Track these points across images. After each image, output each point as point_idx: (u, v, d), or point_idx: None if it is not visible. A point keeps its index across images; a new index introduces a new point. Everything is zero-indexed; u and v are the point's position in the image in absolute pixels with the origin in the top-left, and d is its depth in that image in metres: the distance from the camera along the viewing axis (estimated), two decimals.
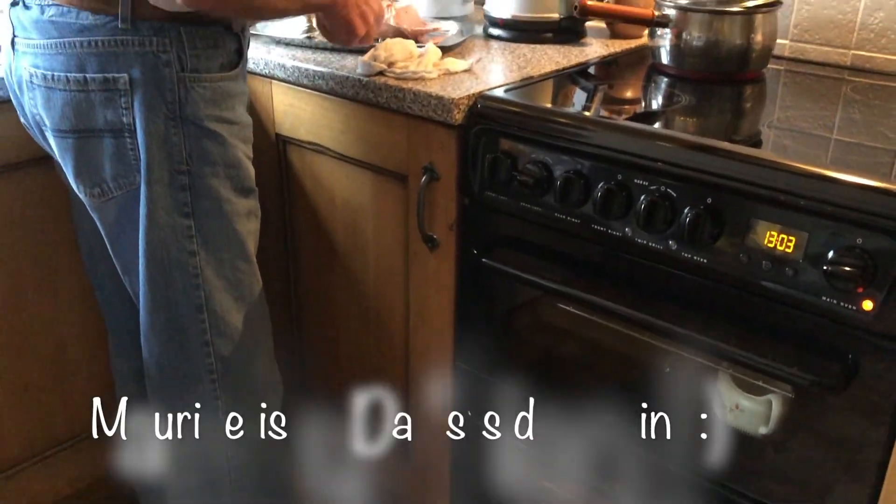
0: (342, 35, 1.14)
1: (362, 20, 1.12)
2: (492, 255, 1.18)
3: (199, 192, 1.06)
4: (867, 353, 0.87)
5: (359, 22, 1.12)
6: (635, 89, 1.32)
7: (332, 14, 1.10)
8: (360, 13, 1.11)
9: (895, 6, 1.31)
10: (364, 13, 1.12)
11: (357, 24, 1.12)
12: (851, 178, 0.86)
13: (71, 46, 0.99)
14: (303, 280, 1.52)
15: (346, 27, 1.12)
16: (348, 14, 1.10)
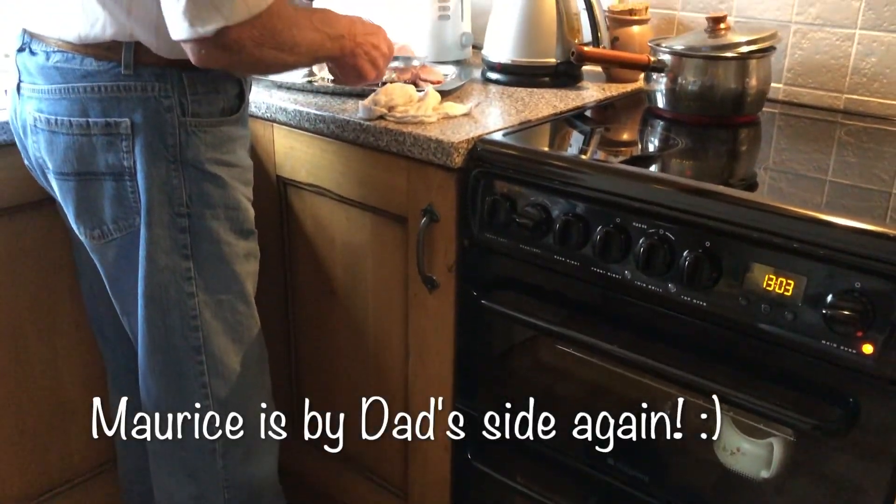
0: (352, 80, 1.16)
1: (371, 65, 1.14)
2: (491, 296, 1.18)
3: (198, 234, 1.07)
4: (869, 396, 0.87)
5: (368, 67, 1.13)
6: (632, 132, 1.33)
7: (341, 62, 1.12)
8: (370, 59, 1.13)
9: (886, 51, 1.33)
10: (373, 58, 1.13)
11: (367, 69, 1.13)
12: (848, 221, 0.87)
13: (74, 91, 1.00)
14: (302, 321, 1.52)
15: (356, 73, 1.13)
16: (356, 61, 1.12)
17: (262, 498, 1.23)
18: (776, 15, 1.43)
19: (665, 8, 1.57)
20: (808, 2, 1.39)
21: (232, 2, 0.90)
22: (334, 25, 1.07)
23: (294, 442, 1.61)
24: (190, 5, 0.89)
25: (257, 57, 0.96)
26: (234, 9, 0.90)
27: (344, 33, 1.08)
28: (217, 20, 0.90)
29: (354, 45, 1.09)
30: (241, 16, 0.91)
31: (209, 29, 0.90)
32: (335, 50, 1.07)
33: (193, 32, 0.91)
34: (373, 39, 1.13)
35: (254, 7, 0.91)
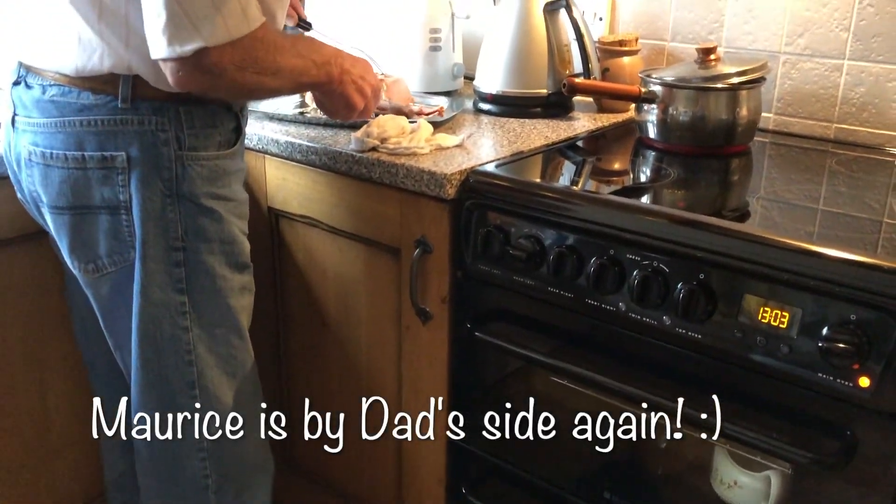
0: (341, 111, 1.13)
1: (360, 94, 1.11)
2: (485, 328, 1.18)
3: (193, 268, 1.06)
4: (866, 429, 0.87)
5: (357, 97, 1.11)
6: (624, 163, 1.34)
7: (329, 91, 1.09)
8: (358, 88, 1.10)
9: (874, 82, 1.35)
10: (361, 88, 1.11)
11: (355, 99, 1.10)
12: (840, 253, 0.87)
13: (71, 125, 1.00)
14: (294, 353, 1.51)
15: (344, 103, 1.10)
16: (344, 90, 1.09)
17: None
18: (765, 45, 1.45)
19: (655, 39, 1.58)
20: (797, 32, 1.41)
21: (212, 23, 0.88)
22: (320, 52, 1.05)
23: (288, 477, 1.59)
24: (170, 24, 0.88)
25: (238, 81, 0.94)
26: (214, 30, 0.89)
27: (330, 60, 1.06)
28: (196, 40, 0.88)
29: (341, 71, 1.07)
30: (221, 38, 0.89)
31: (187, 49, 0.88)
32: (321, 76, 1.05)
33: (172, 51, 0.89)
34: (359, 69, 1.11)
35: (234, 30, 0.90)
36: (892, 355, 0.82)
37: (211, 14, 0.88)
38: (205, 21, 0.88)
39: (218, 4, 0.88)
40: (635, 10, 1.59)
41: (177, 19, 0.87)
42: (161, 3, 0.87)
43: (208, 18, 0.88)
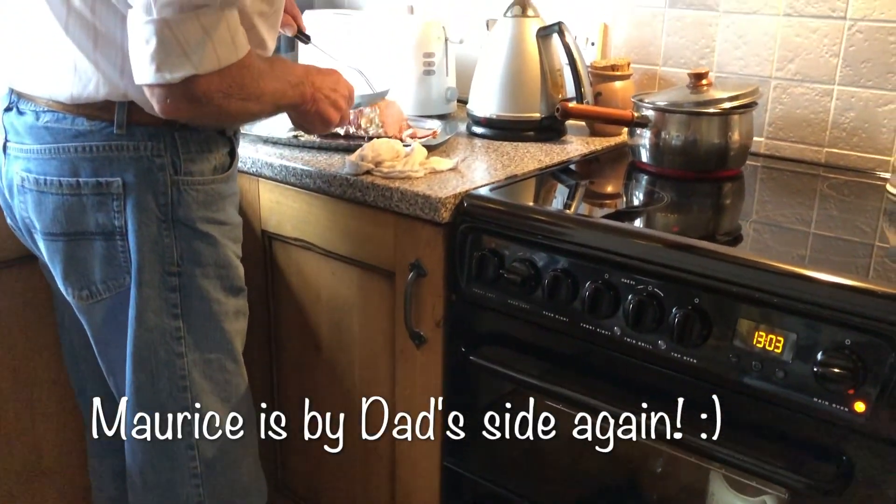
0: (318, 127, 1.13)
1: (333, 107, 1.11)
2: (479, 352, 1.17)
3: (189, 292, 1.06)
4: (862, 454, 0.87)
5: (331, 111, 1.11)
6: (617, 187, 1.34)
7: (304, 111, 1.09)
8: (331, 102, 1.11)
9: (864, 107, 1.36)
10: (335, 101, 1.11)
11: (330, 113, 1.11)
12: (833, 278, 0.87)
13: (65, 151, 1.00)
14: (286, 375, 1.50)
15: (321, 119, 1.11)
16: (318, 107, 1.09)
17: None
18: (756, 70, 1.46)
19: (647, 64, 1.59)
20: (787, 58, 1.42)
21: (202, 51, 0.88)
22: (293, 73, 1.06)
23: (279, 501, 1.57)
24: (160, 50, 0.87)
25: (224, 107, 0.94)
26: (204, 57, 0.88)
27: (302, 80, 1.06)
28: (186, 68, 0.88)
29: (314, 90, 1.07)
30: (210, 66, 0.89)
31: (177, 76, 0.88)
32: (296, 97, 1.05)
33: (160, 78, 0.88)
34: (329, 82, 1.11)
35: (224, 59, 0.90)
36: (888, 380, 0.83)
37: (202, 41, 0.88)
38: (196, 48, 0.87)
39: (209, 31, 0.88)
40: (627, 36, 1.60)
41: (168, 46, 0.87)
42: (151, 30, 0.86)
43: (199, 45, 0.87)
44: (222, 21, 0.89)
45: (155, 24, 0.86)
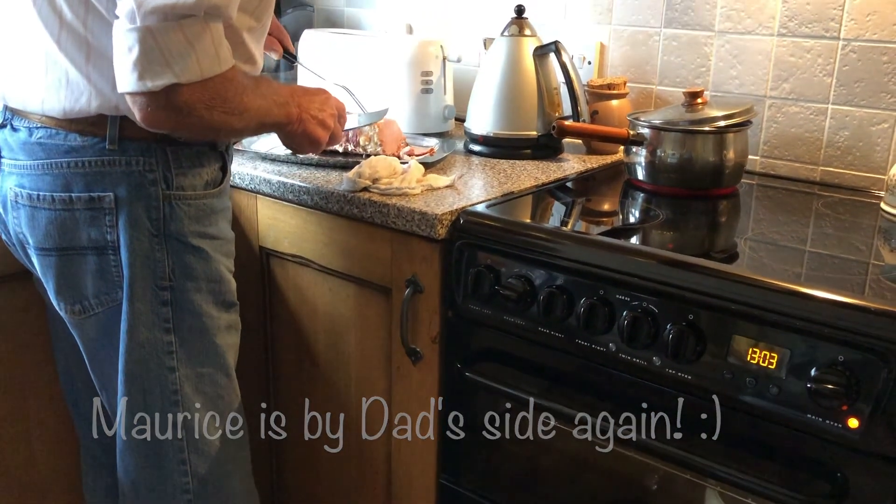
0: (307, 148, 1.13)
1: (322, 128, 1.11)
2: (475, 368, 1.17)
3: (180, 307, 1.06)
4: (856, 470, 0.87)
5: (319, 131, 1.11)
6: (613, 204, 1.35)
7: (290, 132, 1.08)
8: (319, 122, 1.10)
9: (858, 126, 1.37)
10: (322, 120, 1.11)
11: (318, 134, 1.11)
12: (828, 294, 0.87)
13: (58, 167, 1.00)
14: (282, 392, 1.49)
15: (309, 139, 1.11)
16: (305, 128, 1.09)
17: None
18: (751, 90, 1.47)
19: (643, 82, 1.61)
20: (782, 77, 1.43)
21: (185, 60, 0.88)
22: (279, 93, 1.05)
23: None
24: (142, 58, 0.86)
25: (206, 119, 0.93)
26: (186, 67, 0.88)
27: (288, 100, 1.06)
28: (168, 76, 0.87)
29: (300, 110, 1.07)
30: (193, 75, 0.88)
31: (158, 83, 0.87)
32: (282, 116, 1.05)
33: (142, 86, 0.88)
34: (317, 102, 1.11)
35: (206, 70, 0.90)
36: (881, 396, 0.83)
37: (185, 51, 0.87)
38: (178, 57, 0.87)
39: (192, 42, 0.88)
40: (624, 55, 1.62)
41: (150, 54, 0.86)
42: (134, 38, 0.86)
43: (182, 55, 0.87)
44: (206, 32, 0.89)
45: (138, 31, 0.86)
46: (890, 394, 0.82)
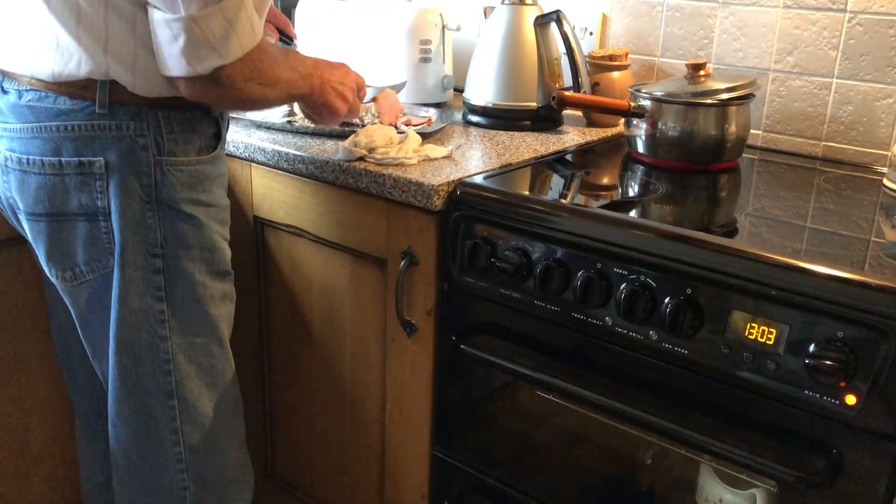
0: (326, 118, 1.16)
1: (341, 100, 1.14)
2: (470, 341, 1.17)
3: (173, 275, 1.05)
4: (852, 447, 0.86)
5: (339, 103, 1.14)
6: (612, 177, 1.33)
7: (312, 102, 1.12)
8: (338, 94, 1.14)
9: (863, 101, 1.35)
10: (342, 93, 1.14)
11: (337, 105, 1.14)
12: (828, 270, 0.86)
13: (47, 131, 0.98)
14: (277, 363, 1.49)
15: (328, 110, 1.14)
16: (326, 99, 1.12)
17: None
18: (755, 63, 1.45)
19: (645, 54, 1.58)
20: (786, 50, 1.41)
21: (227, 41, 0.92)
22: (304, 64, 1.10)
23: (268, 487, 1.57)
24: (188, 46, 0.91)
25: (245, 92, 0.98)
26: (229, 48, 0.93)
27: (311, 72, 1.10)
28: (215, 59, 0.93)
29: (322, 81, 1.11)
30: (235, 54, 0.94)
31: (207, 67, 0.93)
32: (306, 88, 1.09)
33: (191, 71, 0.93)
34: (338, 75, 1.14)
35: (246, 45, 0.94)
36: (879, 373, 0.82)
37: (227, 32, 0.92)
38: (222, 39, 0.92)
39: (232, 22, 0.92)
40: (626, 26, 1.59)
41: (196, 41, 0.91)
42: (179, 27, 0.90)
43: (225, 37, 0.92)
44: (242, 9, 0.93)
45: (183, 21, 0.90)
46: (888, 370, 0.82)
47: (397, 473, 1.32)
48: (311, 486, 1.51)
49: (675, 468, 1.07)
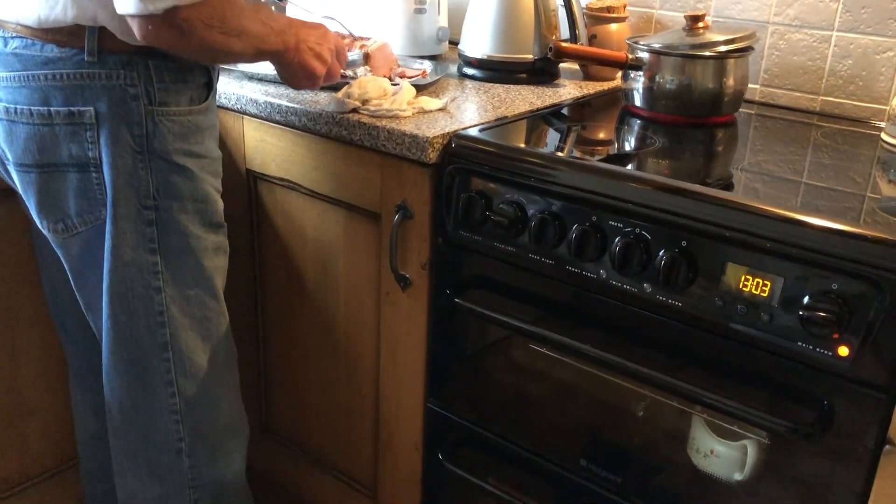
0: (304, 81, 1.11)
1: (319, 61, 1.09)
2: (465, 295, 1.16)
3: (166, 227, 1.04)
4: (843, 399, 0.87)
5: (315, 63, 1.09)
6: (608, 131, 1.32)
7: (286, 62, 1.07)
8: (315, 54, 1.08)
9: (863, 54, 1.34)
10: (319, 53, 1.09)
11: (314, 65, 1.09)
12: (824, 222, 0.86)
13: (35, 79, 0.97)
14: (271, 317, 1.49)
15: (304, 72, 1.09)
16: (301, 59, 1.07)
17: (230, 498, 1.20)
18: (754, 15, 1.43)
19: (643, 6, 1.56)
20: (787, 3, 1.39)
21: None
22: (277, 21, 1.05)
23: (263, 440, 1.58)
24: None
25: (206, 39, 0.93)
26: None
27: (286, 29, 1.04)
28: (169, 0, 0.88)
29: (297, 40, 1.05)
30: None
31: (159, 6, 0.87)
32: (279, 44, 1.03)
33: (143, 9, 0.88)
34: (315, 35, 1.09)
35: None
36: (872, 325, 0.82)
37: None
38: None
39: None
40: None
41: None
42: None
43: None
44: None
45: None
46: (881, 322, 0.82)
47: (391, 426, 1.33)
48: (306, 439, 1.52)
49: (667, 421, 1.08)
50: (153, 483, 1.15)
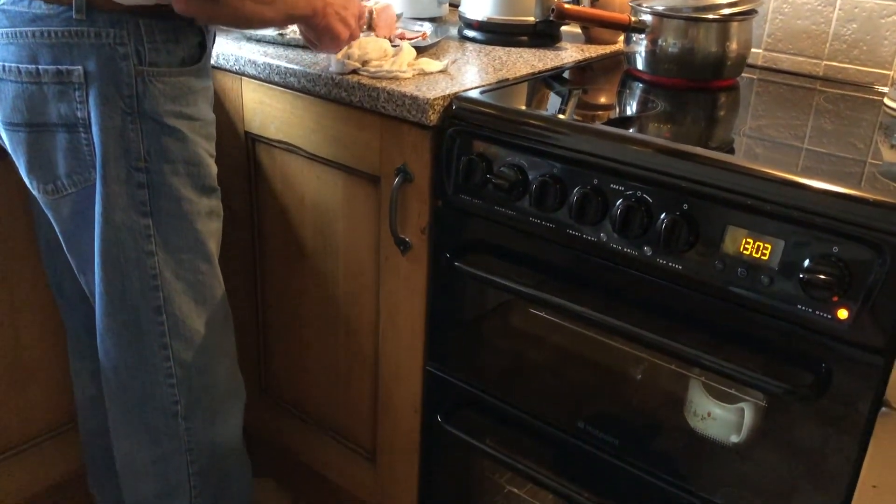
0: (328, 44, 1.13)
1: (343, 24, 1.11)
2: (465, 258, 1.16)
3: (157, 190, 1.03)
4: (841, 362, 0.87)
5: (340, 27, 1.11)
6: (610, 94, 1.31)
7: (314, 25, 1.09)
8: (340, 18, 1.10)
9: (868, 18, 1.32)
10: (344, 18, 1.11)
11: (339, 29, 1.10)
12: (826, 185, 0.86)
13: (23, 36, 0.95)
14: (270, 282, 1.49)
15: (330, 35, 1.11)
16: (328, 23, 1.09)
17: (226, 461, 1.21)
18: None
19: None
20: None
21: None
22: None
23: (260, 403, 1.59)
24: None
25: (239, 8, 0.95)
26: None
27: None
28: None
29: (324, 3, 1.07)
30: None
31: None
32: (307, 9, 1.05)
33: None
34: (341, 0, 1.10)
35: None
36: (872, 288, 0.82)
37: None
38: None
39: None
40: None
41: None
42: None
43: None
44: None
45: None
46: (881, 286, 0.82)
47: (391, 388, 1.34)
48: (305, 402, 1.53)
49: (665, 384, 1.08)
50: (149, 445, 1.15)
